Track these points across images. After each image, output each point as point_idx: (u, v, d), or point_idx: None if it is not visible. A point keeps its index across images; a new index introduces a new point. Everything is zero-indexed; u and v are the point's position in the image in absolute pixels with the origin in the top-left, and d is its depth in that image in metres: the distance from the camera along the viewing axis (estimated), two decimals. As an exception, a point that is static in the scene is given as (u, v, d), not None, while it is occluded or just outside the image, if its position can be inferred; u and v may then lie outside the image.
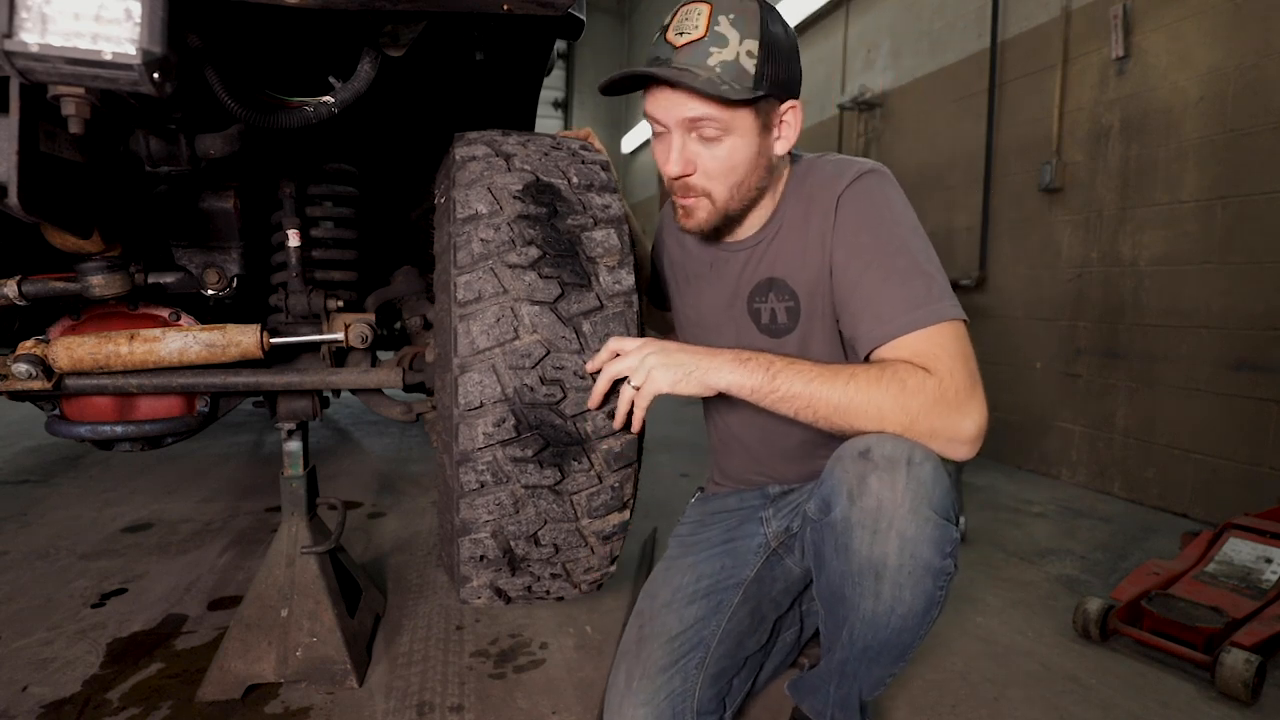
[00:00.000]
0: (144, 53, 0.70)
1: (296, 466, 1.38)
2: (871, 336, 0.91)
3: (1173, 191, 2.57)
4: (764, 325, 1.09)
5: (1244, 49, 2.33)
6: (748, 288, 1.10)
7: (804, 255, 1.02)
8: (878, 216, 0.94)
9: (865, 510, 0.82)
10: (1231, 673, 1.34)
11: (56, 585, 1.70)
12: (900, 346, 0.88)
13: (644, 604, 1.17)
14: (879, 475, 0.80)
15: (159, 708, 1.22)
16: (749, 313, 1.10)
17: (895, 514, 0.80)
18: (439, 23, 1.08)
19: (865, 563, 0.83)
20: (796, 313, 1.05)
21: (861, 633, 0.90)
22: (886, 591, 0.83)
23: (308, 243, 1.40)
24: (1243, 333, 2.35)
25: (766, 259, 1.07)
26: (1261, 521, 1.74)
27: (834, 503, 0.85)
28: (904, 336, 0.88)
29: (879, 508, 0.81)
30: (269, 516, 2.27)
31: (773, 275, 1.06)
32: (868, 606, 0.86)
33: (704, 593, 1.14)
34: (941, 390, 0.83)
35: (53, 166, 0.89)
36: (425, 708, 1.25)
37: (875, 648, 0.91)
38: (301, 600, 1.31)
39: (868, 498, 0.81)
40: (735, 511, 1.25)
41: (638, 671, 1.06)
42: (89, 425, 1.28)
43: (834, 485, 0.86)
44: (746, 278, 1.10)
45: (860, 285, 0.93)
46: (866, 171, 0.97)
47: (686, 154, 0.97)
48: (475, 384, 0.99)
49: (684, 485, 2.78)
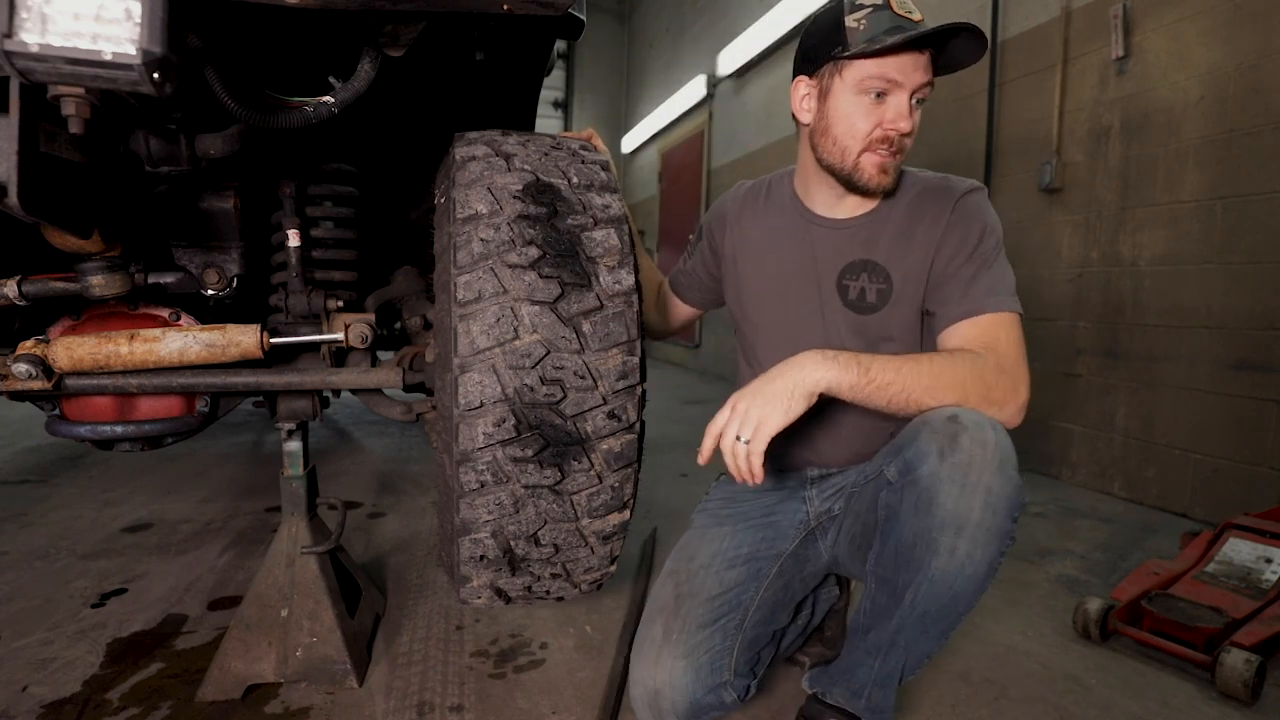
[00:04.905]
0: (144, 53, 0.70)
1: (296, 466, 1.38)
2: (954, 314, 1.07)
3: (1173, 191, 2.57)
4: (850, 300, 1.16)
5: (1244, 49, 2.33)
6: (841, 263, 1.17)
7: (908, 246, 1.12)
8: (982, 226, 1.09)
9: (956, 465, 0.87)
10: (1231, 673, 1.34)
11: (56, 585, 1.70)
12: (975, 321, 1.05)
13: (678, 564, 1.20)
14: (969, 435, 0.88)
15: (159, 708, 1.22)
16: (837, 287, 1.17)
17: (984, 469, 0.87)
18: (439, 23, 1.08)
19: (949, 516, 0.88)
20: (888, 295, 1.14)
21: (926, 594, 0.92)
22: (963, 547, 0.88)
23: (308, 243, 1.40)
24: (1243, 333, 2.35)
25: (867, 242, 1.15)
26: (1261, 521, 1.74)
27: (921, 462, 0.90)
28: (979, 316, 1.05)
29: (969, 463, 0.87)
30: (269, 516, 2.27)
31: (870, 258, 1.15)
32: (940, 564, 0.89)
33: (744, 559, 1.17)
34: (1000, 362, 0.99)
35: (53, 166, 0.89)
36: (425, 708, 1.25)
37: (934, 613, 0.94)
38: (301, 600, 1.31)
39: (959, 454, 0.87)
40: (773, 490, 1.28)
41: (676, 626, 1.09)
42: (89, 425, 1.28)
43: (922, 446, 0.91)
44: (842, 254, 1.17)
45: (958, 275, 1.08)
46: (976, 188, 1.13)
47: (913, 115, 1.07)
48: (475, 384, 0.99)
49: (684, 485, 2.78)
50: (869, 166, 1.09)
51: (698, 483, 2.81)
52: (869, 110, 1.06)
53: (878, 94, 1.05)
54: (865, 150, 1.08)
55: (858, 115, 1.07)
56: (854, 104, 1.07)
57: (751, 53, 5.70)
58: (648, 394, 1.16)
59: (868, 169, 1.09)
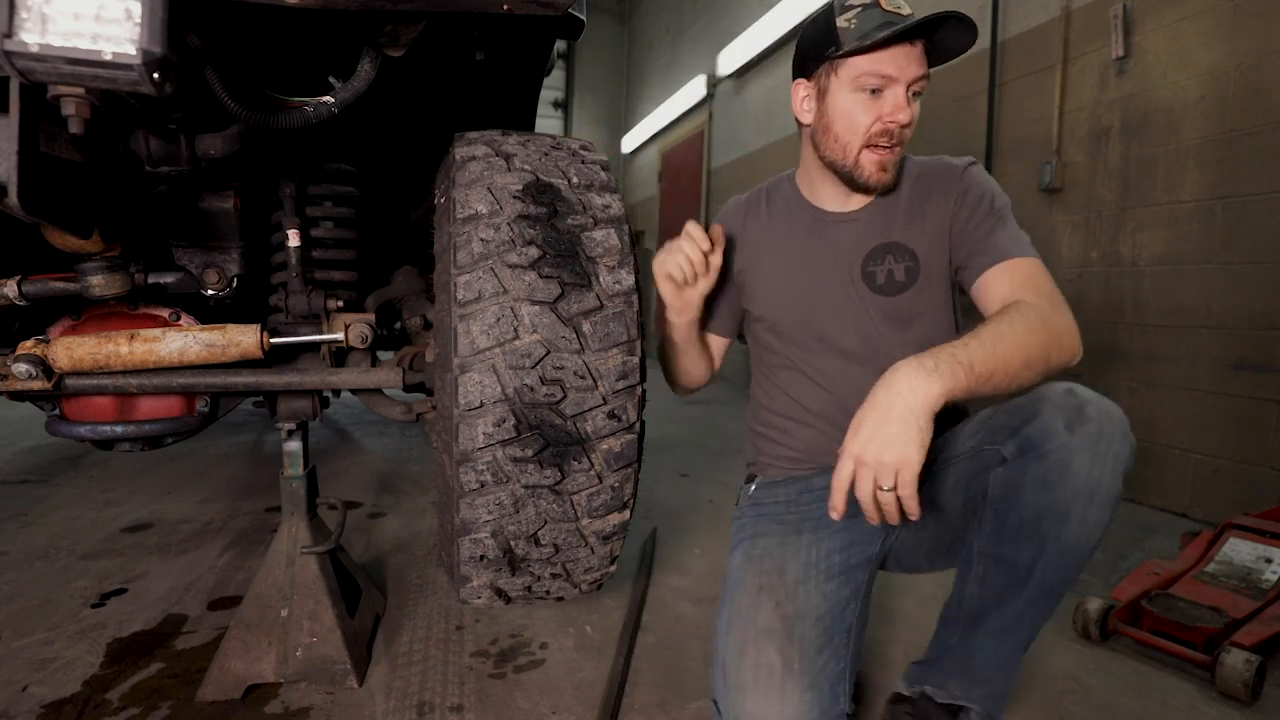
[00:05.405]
0: (144, 53, 0.70)
1: (296, 466, 1.38)
2: (984, 261, 1.10)
3: (1173, 191, 2.57)
4: (879, 285, 1.18)
5: (1244, 49, 2.33)
6: (862, 252, 1.19)
7: (923, 220, 1.16)
8: (990, 190, 1.14)
9: (1087, 435, 0.88)
10: (1231, 673, 1.34)
11: (56, 585, 1.70)
12: (1010, 265, 1.07)
13: (768, 579, 1.11)
14: (1094, 406, 0.90)
15: (159, 708, 1.22)
16: (863, 275, 1.19)
17: (1113, 436, 0.89)
18: (439, 23, 1.08)
19: (1083, 485, 0.88)
20: (915, 271, 1.16)
21: (1056, 566, 0.92)
22: (1093, 514, 0.89)
23: (308, 243, 1.40)
24: (1243, 333, 2.35)
25: (882, 227, 1.18)
26: (1261, 521, 1.74)
27: (1047, 438, 0.90)
28: (1010, 260, 1.08)
29: (1100, 432, 0.88)
30: (269, 516, 2.27)
31: (890, 240, 1.18)
32: (1071, 534, 0.90)
33: (839, 569, 1.13)
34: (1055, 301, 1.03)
35: (53, 166, 0.89)
36: (425, 708, 1.25)
37: (1059, 584, 0.94)
38: (301, 600, 1.31)
39: (1089, 424, 0.88)
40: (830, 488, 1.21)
41: (795, 652, 1.02)
42: (89, 425, 1.28)
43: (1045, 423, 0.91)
44: (861, 244, 1.19)
45: (978, 231, 1.12)
46: (974, 162, 1.19)
47: (911, 107, 1.08)
48: (475, 384, 0.99)
49: (684, 485, 2.78)
50: (868, 164, 1.11)
51: (698, 483, 2.81)
52: (867, 106, 1.08)
53: (873, 90, 1.07)
54: (865, 146, 1.10)
55: (856, 111, 1.09)
56: (852, 100, 1.09)
57: (751, 53, 5.70)
58: (648, 394, 1.16)
59: (867, 166, 1.11)
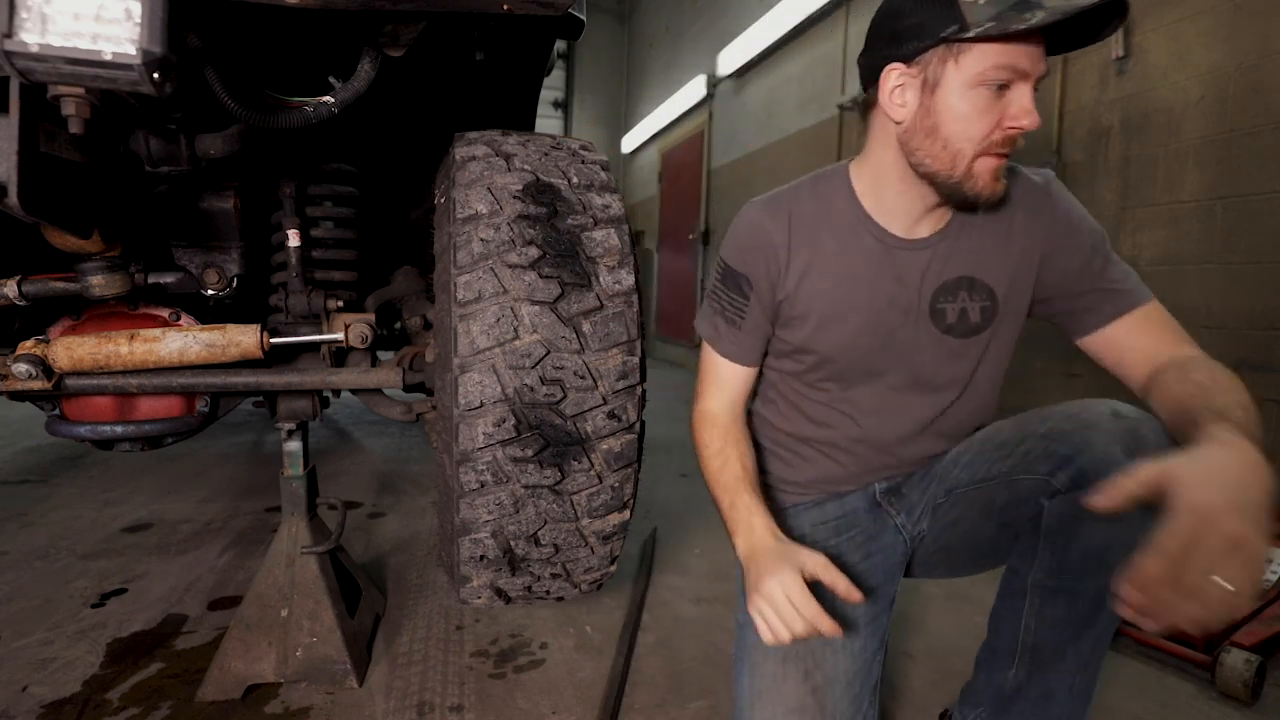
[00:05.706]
0: (144, 53, 0.70)
1: (296, 466, 1.38)
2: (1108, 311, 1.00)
3: (1173, 191, 2.57)
4: (948, 325, 1.03)
5: (1244, 49, 2.33)
6: (932, 287, 1.02)
7: (1005, 253, 1.00)
8: (1086, 217, 1.01)
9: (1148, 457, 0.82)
10: (1231, 673, 1.34)
11: (56, 585, 1.70)
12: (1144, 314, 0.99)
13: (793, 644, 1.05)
14: (1145, 425, 0.85)
15: (159, 708, 1.22)
16: (931, 314, 1.03)
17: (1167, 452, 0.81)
18: (439, 23, 1.08)
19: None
20: (991, 312, 1.03)
21: None
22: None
23: (308, 243, 1.40)
24: (1243, 333, 2.35)
25: (958, 257, 1.01)
26: (1261, 521, 1.74)
27: (1108, 465, 0.82)
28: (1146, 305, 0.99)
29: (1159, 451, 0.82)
30: (269, 516, 2.27)
31: (967, 274, 1.02)
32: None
33: (864, 619, 1.05)
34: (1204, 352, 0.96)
35: (53, 166, 0.89)
36: (425, 708, 1.25)
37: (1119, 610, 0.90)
38: (301, 600, 1.31)
39: (1147, 447, 0.82)
40: (845, 518, 1.14)
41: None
42: (89, 425, 1.28)
43: (1102, 452, 0.84)
44: (932, 276, 1.02)
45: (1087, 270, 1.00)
46: (1052, 176, 1.03)
47: None
48: (475, 384, 0.99)
49: (684, 485, 2.78)
50: (984, 173, 0.90)
51: (698, 483, 2.81)
52: (990, 105, 0.87)
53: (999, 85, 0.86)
54: (982, 154, 0.89)
55: (977, 112, 0.87)
56: (973, 98, 0.87)
57: (751, 53, 5.70)
58: (648, 394, 1.16)
59: (983, 176, 0.90)
